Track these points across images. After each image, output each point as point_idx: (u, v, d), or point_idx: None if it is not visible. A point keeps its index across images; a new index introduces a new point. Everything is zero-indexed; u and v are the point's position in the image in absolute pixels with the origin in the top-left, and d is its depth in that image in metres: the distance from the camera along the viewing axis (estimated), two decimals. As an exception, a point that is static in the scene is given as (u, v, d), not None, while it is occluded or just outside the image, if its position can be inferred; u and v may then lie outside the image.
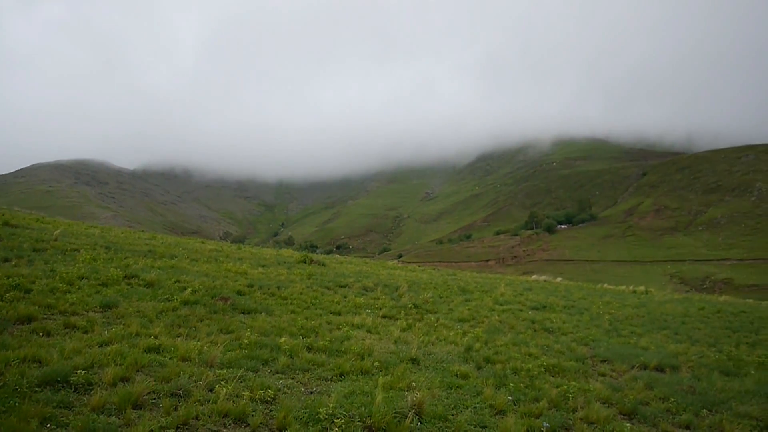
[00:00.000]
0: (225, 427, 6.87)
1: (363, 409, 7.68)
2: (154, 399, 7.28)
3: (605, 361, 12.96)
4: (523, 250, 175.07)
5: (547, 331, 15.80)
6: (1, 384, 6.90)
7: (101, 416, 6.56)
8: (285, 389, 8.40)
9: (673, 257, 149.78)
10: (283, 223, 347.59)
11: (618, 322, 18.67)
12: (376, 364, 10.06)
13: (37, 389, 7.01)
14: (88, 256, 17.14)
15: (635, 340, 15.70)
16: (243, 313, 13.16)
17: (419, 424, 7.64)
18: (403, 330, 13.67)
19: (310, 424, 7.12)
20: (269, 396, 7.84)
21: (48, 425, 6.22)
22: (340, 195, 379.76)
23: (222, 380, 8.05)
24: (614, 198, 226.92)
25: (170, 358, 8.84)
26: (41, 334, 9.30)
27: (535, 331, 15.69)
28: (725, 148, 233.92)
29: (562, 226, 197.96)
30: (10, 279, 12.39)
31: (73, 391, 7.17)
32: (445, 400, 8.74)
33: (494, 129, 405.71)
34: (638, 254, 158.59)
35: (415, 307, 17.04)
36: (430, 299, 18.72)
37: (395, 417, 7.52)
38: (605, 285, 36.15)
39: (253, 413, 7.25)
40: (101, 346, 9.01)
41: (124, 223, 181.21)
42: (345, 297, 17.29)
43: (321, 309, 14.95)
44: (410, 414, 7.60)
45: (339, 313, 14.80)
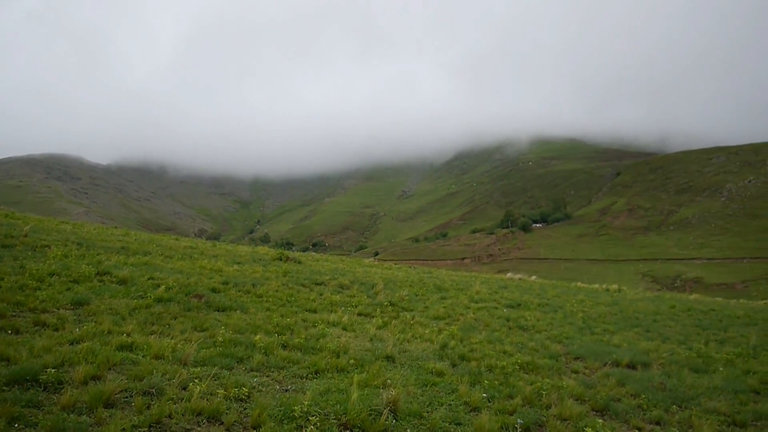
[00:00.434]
0: (199, 426, 6.80)
1: (338, 406, 7.67)
2: (127, 397, 7.18)
3: (578, 358, 13.10)
4: (499, 249, 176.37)
5: (522, 329, 15.93)
6: (-32, 383, 6.76)
7: (71, 415, 6.46)
8: (260, 387, 8.35)
9: (645, 256, 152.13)
10: (259, 221, 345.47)
11: (591, 320, 18.89)
12: (351, 361, 10.06)
13: (5, 388, 6.87)
14: (60, 253, 16.85)
15: (608, 337, 15.90)
16: (218, 310, 13.06)
17: (394, 421, 7.66)
18: (378, 328, 13.68)
19: (285, 422, 7.09)
20: (244, 394, 7.79)
21: (16, 425, 6.10)
22: (316, 192, 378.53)
23: (196, 378, 7.98)
24: (588, 197, 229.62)
25: (143, 356, 8.73)
26: (10, 332, 9.11)
27: (509, 328, 15.81)
28: (697, 150, 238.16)
29: (538, 225, 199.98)
30: (-22, 275, 12.14)
31: (43, 390, 7.04)
32: (420, 398, 8.77)
33: (473, 127, 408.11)
34: (611, 253, 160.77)
35: (391, 304, 17.06)
36: (406, 297, 18.75)
37: (370, 414, 7.53)
38: (579, 283, 36.56)
39: (228, 411, 7.20)
40: (72, 344, 8.87)
41: (97, 220, 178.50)
42: (321, 295, 17.25)
43: (296, 306, 14.89)
44: (385, 411, 7.61)
45: (315, 311, 14.76)
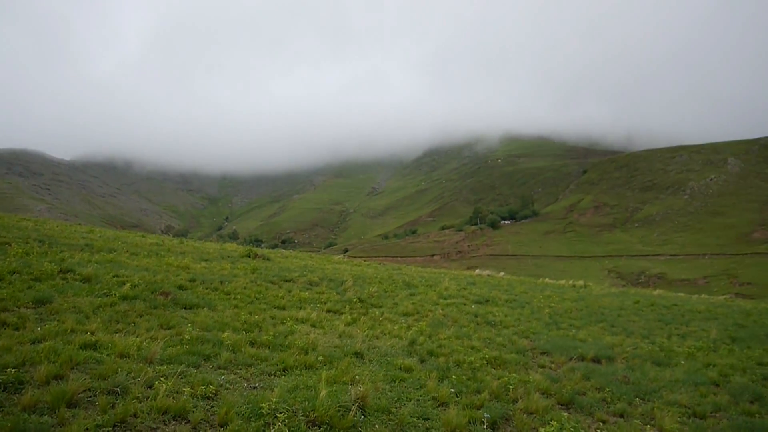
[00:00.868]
0: (164, 424, 6.73)
1: (306, 403, 7.65)
2: (90, 397, 7.06)
3: (545, 353, 13.30)
4: (468, 245, 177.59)
5: (490, 325, 16.09)
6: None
7: (33, 416, 6.33)
8: (227, 385, 8.29)
9: (610, 252, 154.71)
10: (227, 217, 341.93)
11: (558, 315, 19.16)
12: (320, 358, 10.05)
13: (-37, 388, 6.71)
14: (20, 250, 16.45)
15: (574, 332, 16.16)
16: (185, 308, 12.91)
17: (363, 417, 7.68)
18: (347, 324, 13.69)
19: (253, 419, 7.05)
20: (211, 392, 7.73)
21: (-25, 426, 5.96)
22: (286, 189, 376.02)
23: (162, 376, 7.88)
24: (556, 195, 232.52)
25: (107, 355, 8.59)
26: (-32, 331, 8.89)
27: (478, 324, 15.95)
28: (661, 148, 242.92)
29: (506, 222, 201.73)
30: (-65, 273, 11.80)
31: (3, 390, 6.88)
32: (389, 393, 8.81)
33: (443, 124, 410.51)
34: (578, 249, 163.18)
35: (360, 301, 17.07)
36: (375, 293, 18.78)
37: (339, 411, 7.53)
38: (546, 279, 37.05)
39: (194, 409, 7.13)
40: (33, 343, 8.68)
41: (60, 216, 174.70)
42: (290, 291, 17.17)
43: (265, 304, 14.80)
44: (354, 407, 7.63)
45: (283, 308, 14.69)
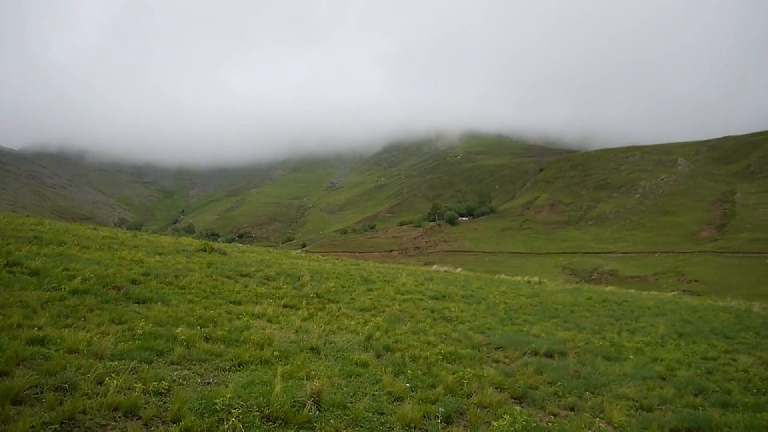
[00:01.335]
0: (115, 421, 6.60)
1: (261, 398, 7.61)
2: (37, 394, 6.87)
3: (499, 348, 13.50)
4: (426, 242, 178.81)
5: (446, 320, 16.24)
6: None
7: (-24, 413, 6.13)
8: (180, 380, 8.18)
9: (565, 249, 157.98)
10: (183, 211, 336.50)
11: (513, 311, 19.46)
12: (276, 353, 10.00)
13: None
14: (-36, 242, 15.88)
15: (528, 328, 16.44)
16: (137, 302, 12.67)
17: (318, 412, 7.67)
18: (304, 319, 13.64)
19: (206, 415, 6.97)
20: (163, 388, 7.61)
21: None
22: (243, 183, 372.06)
23: (113, 372, 7.71)
24: (513, 192, 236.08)
25: (56, 351, 8.37)
26: None
27: (434, 320, 16.08)
28: (614, 148, 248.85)
29: (464, 219, 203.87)
30: None
31: (-56, 387, 6.65)
32: (345, 389, 8.82)
33: (404, 120, 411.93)
34: (534, 246, 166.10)
35: (318, 296, 17.04)
36: (333, 289, 18.76)
37: (294, 406, 7.51)
38: (502, 276, 37.56)
39: (146, 406, 7.01)
40: (-23, 338, 8.40)
41: (7, 208, 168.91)
42: (246, 286, 17.01)
43: (221, 298, 14.64)
44: (309, 403, 7.61)
45: (239, 303, 14.56)
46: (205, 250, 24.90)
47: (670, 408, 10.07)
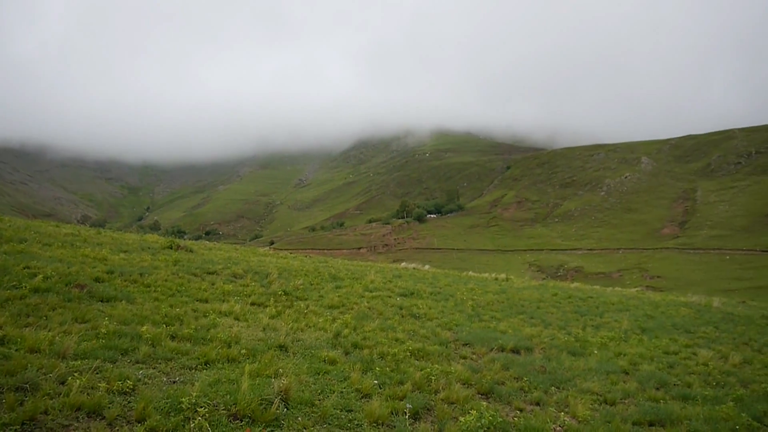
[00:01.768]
0: (78, 421, 6.50)
1: (228, 397, 7.57)
2: (-4, 394, 6.72)
3: (467, 344, 13.62)
4: (394, 239, 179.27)
5: (414, 317, 16.31)
6: None
7: (-68, 415, 5.97)
8: (145, 379, 8.08)
9: (532, 246, 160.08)
10: (148, 207, 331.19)
11: (480, 307, 19.63)
12: (243, 351, 9.93)
13: None
14: None
15: (495, 324, 16.61)
16: (101, 301, 12.44)
17: (286, 410, 7.66)
18: (272, 317, 13.57)
19: (172, 414, 6.91)
20: (128, 387, 7.51)
21: None
22: (211, 179, 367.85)
23: (75, 372, 7.59)
24: (481, 190, 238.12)
25: (16, 350, 8.19)
26: None
27: (402, 317, 16.14)
28: (580, 146, 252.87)
29: (432, 216, 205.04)
30: None
31: None
32: (313, 386, 8.82)
33: (374, 117, 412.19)
34: (501, 243, 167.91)
35: (286, 294, 16.95)
36: (301, 286, 18.68)
37: (261, 404, 7.48)
38: (470, 272, 37.77)
39: (110, 405, 6.92)
40: (-67, 338, 8.17)
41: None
42: (213, 284, 16.83)
43: (187, 296, 14.47)
44: (276, 400, 7.60)
45: (206, 301, 14.40)
46: (171, 248, 24.55)
47: (633, 402, 10.31)
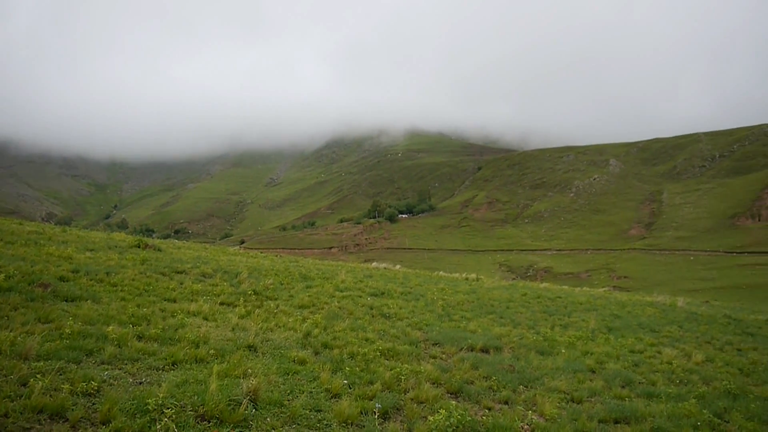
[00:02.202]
0: (40, 424, 6.36)
1: (196, 398, 7.48)
2: (-45, 396, 6.55)
3: (437, 344, 13.68)
4: (366, 238, 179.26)
5: (385, 317, 16.32)
6: None
7: None
8: (111, 380, 7.94)
9: (502, 247, 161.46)
10: (116, 205, 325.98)
11: (450, 307, 19.72)
12: (211, 351, 9.83)
13: None
14: None
15: (465, 324, 16.71)
16: (66, 300, 12.21)
17: (254, 410, 7.60)
18: (241, 317, 13.45)
19: (138, 415, 6.80)
20: (93, 388, 7.38)
21: None
22: (180, 177, 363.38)
23: (38, 373, 7.42)
24: (452, 190, 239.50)
25: (-24, 351, 7.99)
26: None
27: (373, 316, 16.13)
28: (550, 148, 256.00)
29: (403, 216, 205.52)
30: None
31: None
32: (282, 386, 8.77)
33: (348, 116, 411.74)
34: (472, 243, 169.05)
35: (255, 293, 16.82)
36: (271, 286, 18.55)
37: (229, 404, 7.42)
38: (441, 272, 37.94)
39: (74, 407, 6.79)
40: None
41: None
42: (181, 283, 16.62)
43: (155, 296, 14.26)
44: (245, 401, 7.53)
45: (174, 300, 14.21)
46: (139, 246, 24.19)
47: (599, 399, 10.48)
